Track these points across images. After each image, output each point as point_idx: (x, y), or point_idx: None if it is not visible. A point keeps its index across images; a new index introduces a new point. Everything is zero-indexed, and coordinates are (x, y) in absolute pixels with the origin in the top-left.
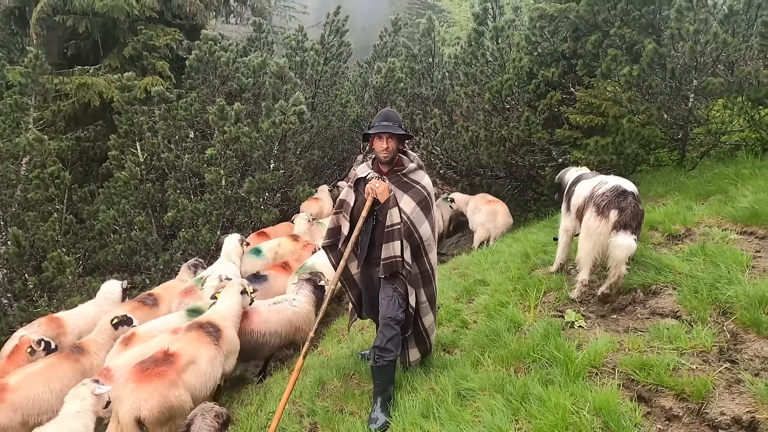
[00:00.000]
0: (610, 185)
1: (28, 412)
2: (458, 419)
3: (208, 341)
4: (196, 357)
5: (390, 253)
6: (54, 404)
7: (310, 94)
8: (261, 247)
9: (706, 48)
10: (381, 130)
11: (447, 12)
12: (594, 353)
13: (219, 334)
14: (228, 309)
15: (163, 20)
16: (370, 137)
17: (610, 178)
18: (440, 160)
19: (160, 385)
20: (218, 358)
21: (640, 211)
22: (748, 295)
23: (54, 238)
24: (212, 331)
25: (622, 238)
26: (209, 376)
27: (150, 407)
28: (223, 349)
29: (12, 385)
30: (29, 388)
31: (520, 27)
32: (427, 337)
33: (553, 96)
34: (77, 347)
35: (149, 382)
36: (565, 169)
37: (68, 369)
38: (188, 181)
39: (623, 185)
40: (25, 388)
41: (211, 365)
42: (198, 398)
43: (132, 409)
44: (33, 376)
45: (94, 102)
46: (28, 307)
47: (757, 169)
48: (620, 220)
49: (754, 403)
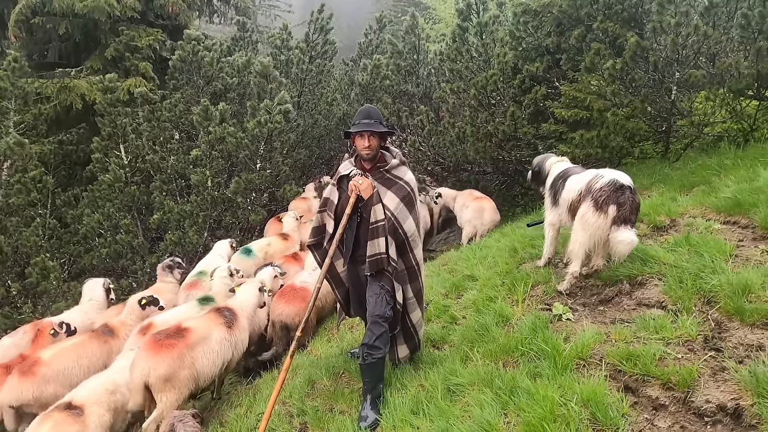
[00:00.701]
0: (607, 179)
1: (58, 386)
2: (448, 415)
3: (221, 323)
4: (208, 335)
5: (375, 250)
6: (82, 380)
7: (296, 93)
8: (251, 247)
9: (687, 40)
10: (361, 128)
11: (432, 9)
12: (581, 345)
13: (234, 319)
14: (246, 301)
15: (146, 21)
16: (352, 135)
17: (606, 171)
18: (427, 157)
19: (168, 356)
20: (229, 341)
21: (637, 203)
22: (731, 283)
23: (37, 243)
24: (228, 315)
25: (624, 234)
26: (218, 355)
27: (157, 375)
28: (234, 334)
29: (44, 359)
30: (60, 362)
31: (505, 22)
32: (415, 333)
33: (538, 91)
34: (107, 328)
35: (159, 352)
36: (543, 156)
37: (96, 348)
38: (174, 183)
39: (620, 179)
40: (56, 363)
41: (220, 346)
42: (205, 375)
43: (141, 374)
44: (64, 352)
45: (76, 104)
46: (11, 314)
47: (740, 160)
48: (620, 215)
49: (739, 390)
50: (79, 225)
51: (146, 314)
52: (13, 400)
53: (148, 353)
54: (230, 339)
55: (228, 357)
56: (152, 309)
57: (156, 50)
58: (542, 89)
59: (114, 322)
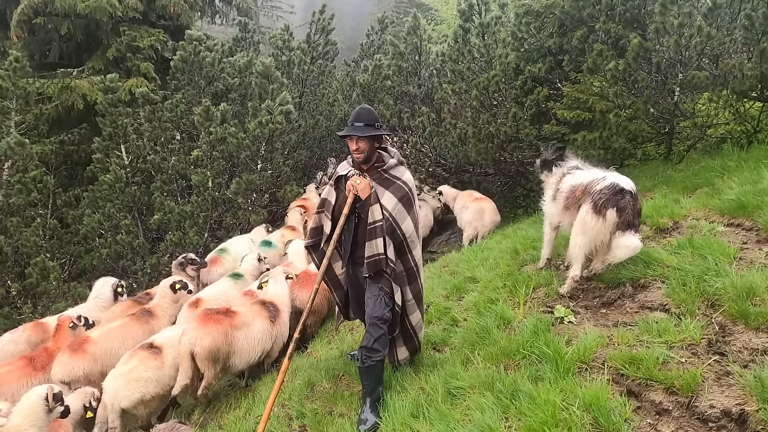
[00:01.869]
0: (608, 182)
1: (105, 363)
2: (448, 418)
3: (265, 316)
4: (252, 323)
5: (373, 251)
6: None
7: (297, 94)
8: (270, 239)
9: (690, 42)
10: (348, 132)
11: (434, 10)
12: (583, 348)
13: (277, 314)
14: (284, 296)
15: (147, 21)
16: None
17: (608, 173)
18: (429, 158)
19: (214, 330)
20: (269, 333)
21: (638, 207)
22: (735, 286)
23: (37, 243)
24: (272, 310)
25: (628, 239)
26: (257, 342)
27: (202, 345)
28: (275, 329)
29: (94, 338)
30: (107, 342)
31: (507, 23)
32: (414, 335)
33: (540, 92)
34: (146, 311)
35: (207, 325)
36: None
37: (139, 329)
38: (175, 183)
39: (621, 183)
40: (104, 342)
41: (261, 335)
42: (241, 358)
43: (190, 343)
44: (110, 333)
45: (77, 105)
46: (11, 314)
47: (743, 162)
48: (623, 219)
49: (743, 395)
50: (79, 225)
51: (178, 297)
52: (65, 376)
53: (198, 324)
54: (271, 332)
55: (267, 348)
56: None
57: (157, 51)
58: (544, 90)
59: (152, 305)
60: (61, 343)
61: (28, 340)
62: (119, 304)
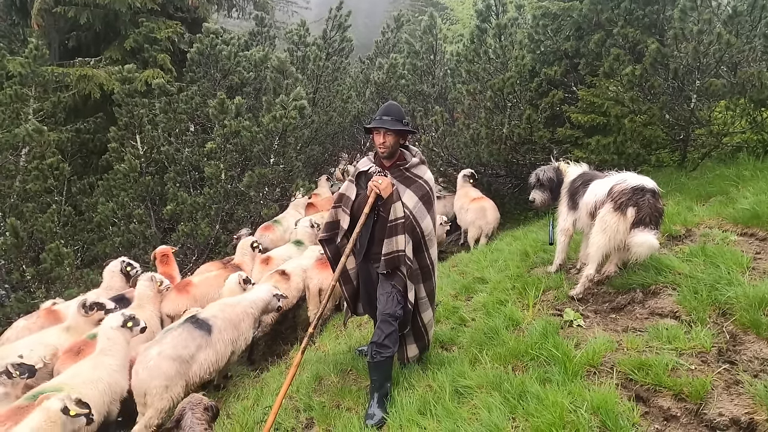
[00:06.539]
0: (630, 183)
1: (201, 304)
2: (455, 416)
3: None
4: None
5: (392, 248)
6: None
7: (312, 89)
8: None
9: (709, 49)
10: (377, 124)
11: (450, 9)
12: (592, 352)
13: None
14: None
15: (165, 13)
16: (372, 131)
17: (629, 175)
18: (441, 158)
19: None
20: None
21: (660, 207)
22: (747, 296)
23: (52, 229)
24: None
25: (643, 236)
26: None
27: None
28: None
29: (195, 282)
30: (205, 287)
31: (523, 25)
32: (425, 333)
33: (555, 95)
34: (235, 265)
35: (324, 269)
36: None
37: None
38: (188, 175)
39: (643, 182)
40: (202, 287)
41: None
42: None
43: (317, 283)
44: (207, 280)
45: (94, 94)
46: (25, 298)
47: (759, 171)
48: (640, 217)
49: (753, 404)
50: (93, 213)
51: (255, 254)
52: (171, 311)
53: (320, 269)
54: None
55: None
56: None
57: (174, 43)
58: (559, 93)
59: (238, 260)
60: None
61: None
62: (213, 263)
